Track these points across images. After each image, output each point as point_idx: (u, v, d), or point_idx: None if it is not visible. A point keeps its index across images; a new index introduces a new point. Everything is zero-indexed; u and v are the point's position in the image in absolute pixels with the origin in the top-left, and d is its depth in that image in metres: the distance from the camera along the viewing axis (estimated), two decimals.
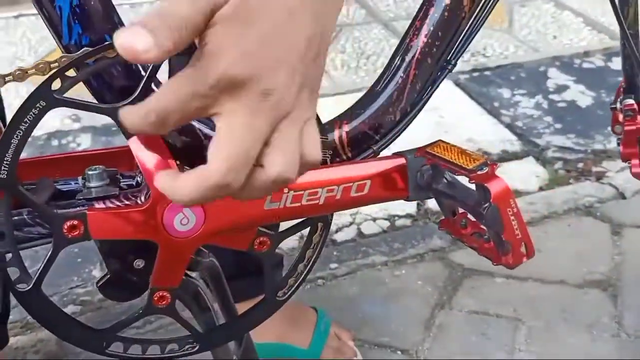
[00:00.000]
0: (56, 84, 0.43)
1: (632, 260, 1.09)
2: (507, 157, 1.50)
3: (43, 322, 0.48)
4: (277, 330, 0.80)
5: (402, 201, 0.54)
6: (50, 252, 0.46)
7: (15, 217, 0.46)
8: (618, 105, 0.76)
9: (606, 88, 1.77)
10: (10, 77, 0.43)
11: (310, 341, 0.82)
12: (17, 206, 0.47)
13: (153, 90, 0.46)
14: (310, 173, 0.45)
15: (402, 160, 0.52)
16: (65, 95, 0.43)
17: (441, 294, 1.03)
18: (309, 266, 0.56)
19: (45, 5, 0.46)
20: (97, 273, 1.14)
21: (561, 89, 1.77)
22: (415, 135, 0.64)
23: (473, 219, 0.52)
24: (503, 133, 1.59)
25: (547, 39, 2.09)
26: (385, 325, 0.95)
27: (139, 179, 0.54)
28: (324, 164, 0.53)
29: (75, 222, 0.46)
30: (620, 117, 0.79)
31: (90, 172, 0.50)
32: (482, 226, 0.51)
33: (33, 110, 0.43)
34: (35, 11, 0.46)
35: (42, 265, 0.46)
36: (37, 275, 0.47)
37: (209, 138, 0.52)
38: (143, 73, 0.47)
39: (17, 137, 0.43)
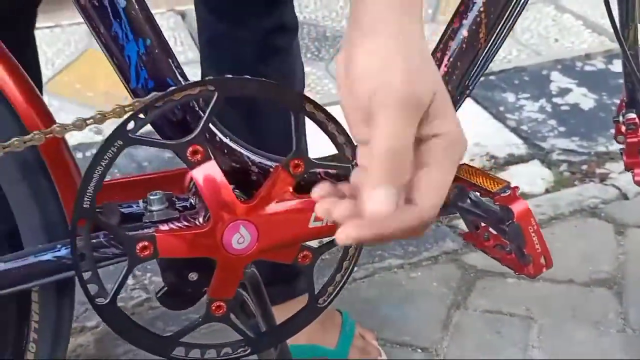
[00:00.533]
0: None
1: (636, 259, 1.15)
2: (513, 160, 1.56)
3: (117, 331, 0.55)
4: (307, 333, 0.86)
5: None
6: (125, 270, 0.52)
7: (94, 240, 0.52)
8: (620, 119, 0.82)
9: (607, 90, 1.82)
10: (91, 120, 0.49)
11: (337, 342, 0.88)
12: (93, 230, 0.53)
13: (209, 128, 0.53)
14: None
15: None
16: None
17: (456, 294, 1.09)
18: (346, 276, 0.62)
19: (115, 55, 0.52)
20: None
21: (564, 92, 1.83)
22: None
23: (495, 232, 0.58)
24: (509, 137, 1.65)
25: (548, 42, 2.15)
26: (405, 325, 1.01)
27: (192, 201, 0.60)
28: None
29: (146, 244, 0.52)
30: (623, 129, 0.85)
31: (152, 197, 0.56)
32: (503, 239, 0.57)
33: (112, 149, 0.49)
34: (51, 24, 0.52)
35: (118, 282, 0.53)
36: (113, 291, 0.53)
37: (255, 164, 0.59)
38: (201, 113, 0.53)
39: (98, 172, 0.49)
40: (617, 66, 1.96)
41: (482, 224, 0.59)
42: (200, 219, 0.56)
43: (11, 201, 0.52)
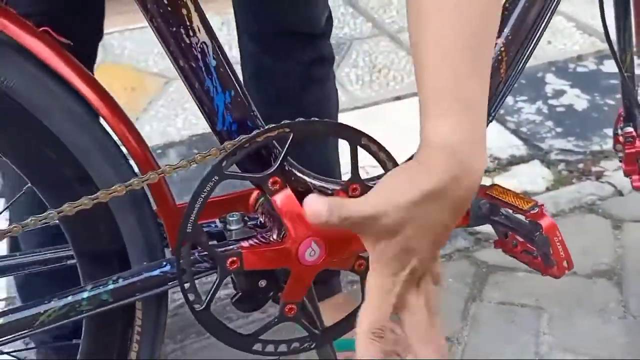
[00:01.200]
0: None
1: (633, 251, 1.27)
2: (515, 161, 1.67)
3: (209, 331, 0.65)
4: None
5: None
6: (217, 282, 0.63)
7: (191, 257, 0.63)
8: (619, 132, 0.94)
9: (599, 91, 1.94)
10: (193, 160, 0.59)
11: None
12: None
13: (288, 161, 0.63)
14: None
15: None
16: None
17: (471, 288, 1.20)
18: None
19: (206, 104, 0.62)
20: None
21: (558, 93, 1.94)
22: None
23: (521, 239, 0.69)
24: (509, 138, 1.76)
25: (542, 45, 2.24)
26: None
27: (261, 219, 0.71)
28: None
29: (234, 259, 0.63)
30: (621, 139, 0.96)
31: (230, 218, 0.67)
32: (529, 246, 0.69)
33: (210, 183, 0.59)
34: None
35: (211, 292, 0.63)
36: (207, 299, 0.63)
37: (316, 187, 0.69)
38: (276, 149, 0.64)
39: (198, 203, 0.59)
40: (607, 67, 2.07)
41: (511, 233, 0.70)
42: (274, 236, 0.67)
43: (122, 227, 0.62)
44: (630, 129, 0.91)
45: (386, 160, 0.67)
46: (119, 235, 0.63)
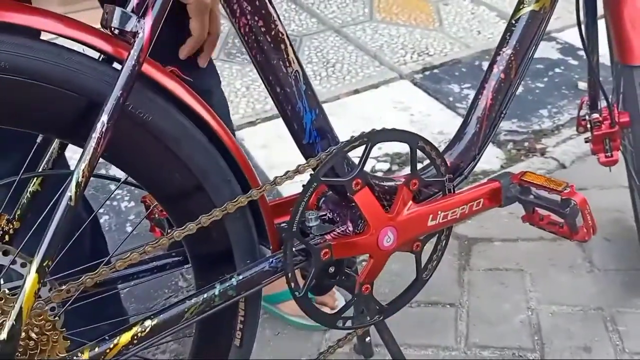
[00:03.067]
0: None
1: None
2: None
3: (305, 311, 0.76)
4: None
5: None
6: (313, 270, 0.75)
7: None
8: (586, 117, 1.13)
9: (530, 75, 2.17)
10: (297, 171, 0.71)
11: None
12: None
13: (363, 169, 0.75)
14: (452, 199, 0.78)
15: (497, 184, 0.85)
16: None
17: (459, 259, 1.37)
18: (440, 256, 0.87)
19: (296, 122, 0.73)
20: (182, 284, 1.39)
21: None
22: None
23: (545, 213, 0.86)
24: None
25: (473, 35, 2.48)
26: (430, 289, 1.27)
27: (329, 215, 0.83)
28: (450, 191, 0.84)
29: (326, 250, 0.75)
30: (583, 122, 1.16)
31: (309, 216, 0.79)
32: (553, 218, 0.85)
33: (310, 189, 0.71)
34: None
35: (309, 280, 0.75)
36: (305, 287, 0.75)
37: (383, 185, 0.82)
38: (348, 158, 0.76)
39: (302, 206, 0.71)
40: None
41: (536, 210, 0.87)
42: (350, 228, 0.79)
43: (230, 232, 0.72)
44: (597, 115, 1.10)
45: (435, 157, 0.81)
46: (227, 239, 0.73)
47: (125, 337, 0.61)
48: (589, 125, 1.13)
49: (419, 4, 2.70)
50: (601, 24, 1.07)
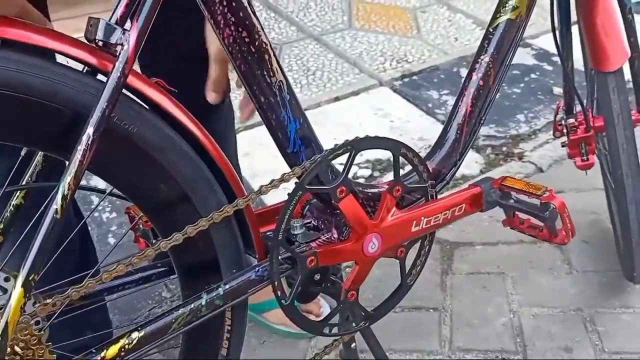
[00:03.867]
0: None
1: None
2: None
3: (291, 319, 0.77)
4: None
5: None
6: (299, 278, 0.75)
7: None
8: (562, 122, 1.15)
9: (506, 82, 2.20)
10: (282, 179, 0.71)
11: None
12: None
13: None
14: (435, 205, 0.79)
15: (479, 189, 0.87)
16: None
17: (442, 264, 1.39)
18: (423, 261, 0.88)
19: (281, 132, 0.73)
20: (166, 294, 1.38)
21: None
22: None
23: (525, 217, 0.88)
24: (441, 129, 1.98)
25: (450, 42, 2.51)
26: (414, 294, 1.28)
27: (313, 222, 0.83)
28: (432, 197, 0.85)
29: (312, 258, 0.75)
30: (560, 127, 1.18)
31: (294, 224, 0.79)
32: (533, 221, 0.87)
33: (295, 197, 0.71)
34: None
35: (295, 287, 0.75)
36: (292, 294, 0.75)
37: (366, 192, 0.82)
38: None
39: (287, 214, 0.71)
40: None
41: (516, 213, 0.88)
42: (335, 235, 0.80)
43: (215, 241, 0.73)
44: (572, 120, 1.13)
45: (417, 163, 0.82)
46: (213, 248, 0.73)
47: (112, 350, 0.61)
48: (565, 130, 1.15)
49: (396, 12, 2.72)
50: (575, 30, 1.10)
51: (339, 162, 0.75)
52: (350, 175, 0.76)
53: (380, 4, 2.79)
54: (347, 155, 0.75)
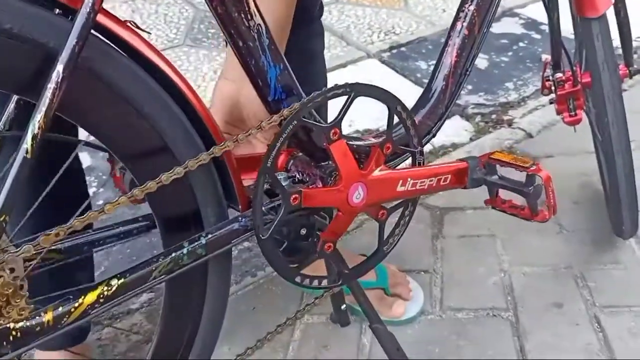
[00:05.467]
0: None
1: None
2: None
3: (268, 259, 0.74)
4: None
5: None
6: (282, 211, 0.72)
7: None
8: (550, 78, 1.14)
9: (494, 51, 2.20)
10: (246, 134, 0.69)
11: (376, 275, 1.14)
12: None
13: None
14: (422, 169, 0.77)
15: (465, 164, 0.86)
16: None
17: (432, 228, 1.38)
18: (402, 231, 0.86)
19: (261, 78, 0.71)
20: None
21: None
22: (371, 111, 0.90)
23: (508, 198, 0.87)
24: None
25: (438, 13, 2.49)
26: (404, 257, 1.28)
27: (298, 176, 0.82)
28: (420, 164, 0.83)
29: (296, 196, 0.73)
30: (547, 84, 1.17)
31: (279, 177, 0.78)
32: (514, 202, 0.86)
33: (290, 126, 0.69)
34: None
35: (277, 220, 0.72)
36: (271, 229, 0.72)
37: (357, 143, 0.81)
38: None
39: (279, 141, 0.69)
40: (497, 29, 2.34)
41: (498, 193, 0.88)
42: (320, 185, 0.78)
43: (197, 192, 0.71)
44: (560, 75, 1.11)
45: (410, 126, 0.81)
46: (194, 200, 0.71)
47: (91, 297, 0.59)
48: (553, 87, 1.14)
49: None
50: None
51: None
52: None
53: None
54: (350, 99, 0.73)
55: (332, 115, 0.76)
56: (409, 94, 2.06)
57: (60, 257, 0.71)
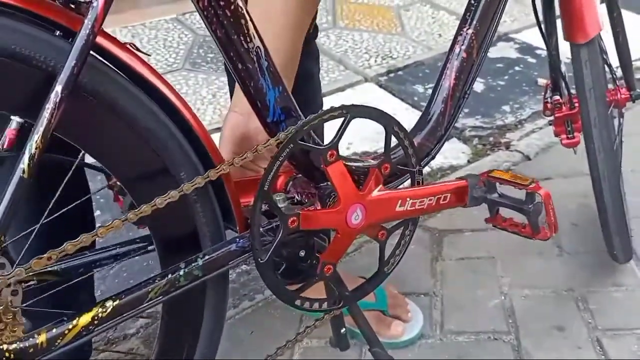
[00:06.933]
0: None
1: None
2: None
3: (265, 282, 0.73)
4: None
5: None
6: (280, 234, 0.72)
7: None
8: (549, 100, 1.14)
9: (490, 74, 2.21)
10: (243, 157, 0.69)
11: (375, 297, 1.13)
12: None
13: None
14: (421, 188, 0.77)
15: (465, 182, 0.86)
16: None
17: (431, 250, 1.37)
18: (403, 251, 0.86)
19: (260, 100, 0.71)
20: None
21: None
22: (367, 133, 0.92)
23: (509, 215, 0.86)
24: None
25: (434, 38, 2.51)
26: (403, 280, 1.27)
27: (297, 197, 0.81)
28: (418, 183, 0.83)
29: (294, 218, 0.72)
30: (548, 106, 1.17)
31: (277, 198, 0.77)
32: (515, 219, 0.86)
33: (286, 150, 0.69)
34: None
35: (274, 244, 0.72)
36: (270, 252, 0.72)
37: (354, 164, 0.81)
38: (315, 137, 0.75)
39: (276, 165, 0.69)
40: (492, 53, 2.36)
41: (499, 211, 0.87)
42: (319, 207, 0.78)
43: (195, 213, 0.71)
44: (558, 97, 1.12)
45: (408, 145, 0.80)
46: (192, 222, 0.71)
47: (85, 318, 0.59)
48: (550, 107, 1.14)
49: (380, 11, 2.73)
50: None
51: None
52: None
53: (364, 3, 2.79)
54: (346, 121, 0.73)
55: (328, 136, 0.76)
56: (406, 117, 2.08)
57: (58, 278, 0.70)
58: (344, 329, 1.04)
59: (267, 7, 0.80)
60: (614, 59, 1.13)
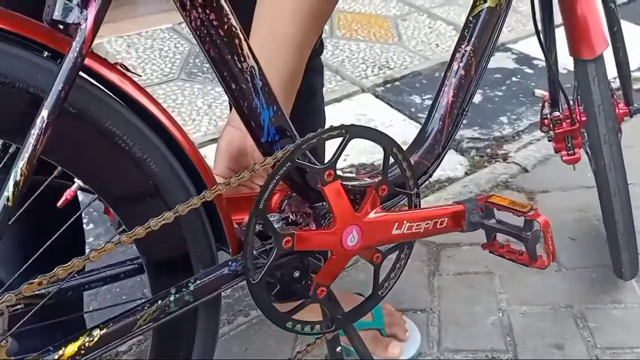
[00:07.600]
0: None
1: (549, 216, 1.49)
2: None
3: (257, 303, 0.71)
4: None
5: None
6: (274, 254, 0.70)
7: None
8: (548, 115, 1.13)
9: (488, 85, 2.20)
10: (239, 177, 0.67)
11: (371, 315, 1.11)
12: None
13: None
14: (419, 211, 0.76)
15: (462, 207, 0.84)
16: None
17: (429, 265, 1.36)
18: (398, 274, 0.84)
19: (254, 119, 0.70)
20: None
21: None
22: (364, 144, 0.89)
23: (505, 242, 0.85)
24: None
25: (431, 48, 2.51)
26: (400, 296, 1.26)
27: (291, 217, 0.80)
28: (416, 207, 0.81)
29: (289, 238, 0.71)
30: (546, 122, 1.16)
31: (271, 218, 0.76)
32: (512, 246, 0.84)
33: (283, 168, 0.68)
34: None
35: (267, 265, 0.70)
36: (262, 272, 0.70)
37: (352, 184, 0.79)
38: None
39: (272, 183, 0.67)
40: (489, 63, 2.34)
41: (496, 237, 0.86)
42: (314, 227, 0.76)
43: (187, 236, 0.69)
44: (557, 113, 1.10)
45: (406, 168, 0.79)
46: (183, 244, 0.69)
47: (72, 348, 0.57)
48: (551, 124, 1.13)
49: (377, 21, 2.72)
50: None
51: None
52: None
53: (361, 13, 2.78)
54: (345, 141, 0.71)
55: (329, 151, 0.75)
56: (403, 127, 2.07)
57: (47, 300, 0.69)
58: (339, 348, 1.03)
59: (272, 26, 0.79)
60: (610, 72, 1.12)
